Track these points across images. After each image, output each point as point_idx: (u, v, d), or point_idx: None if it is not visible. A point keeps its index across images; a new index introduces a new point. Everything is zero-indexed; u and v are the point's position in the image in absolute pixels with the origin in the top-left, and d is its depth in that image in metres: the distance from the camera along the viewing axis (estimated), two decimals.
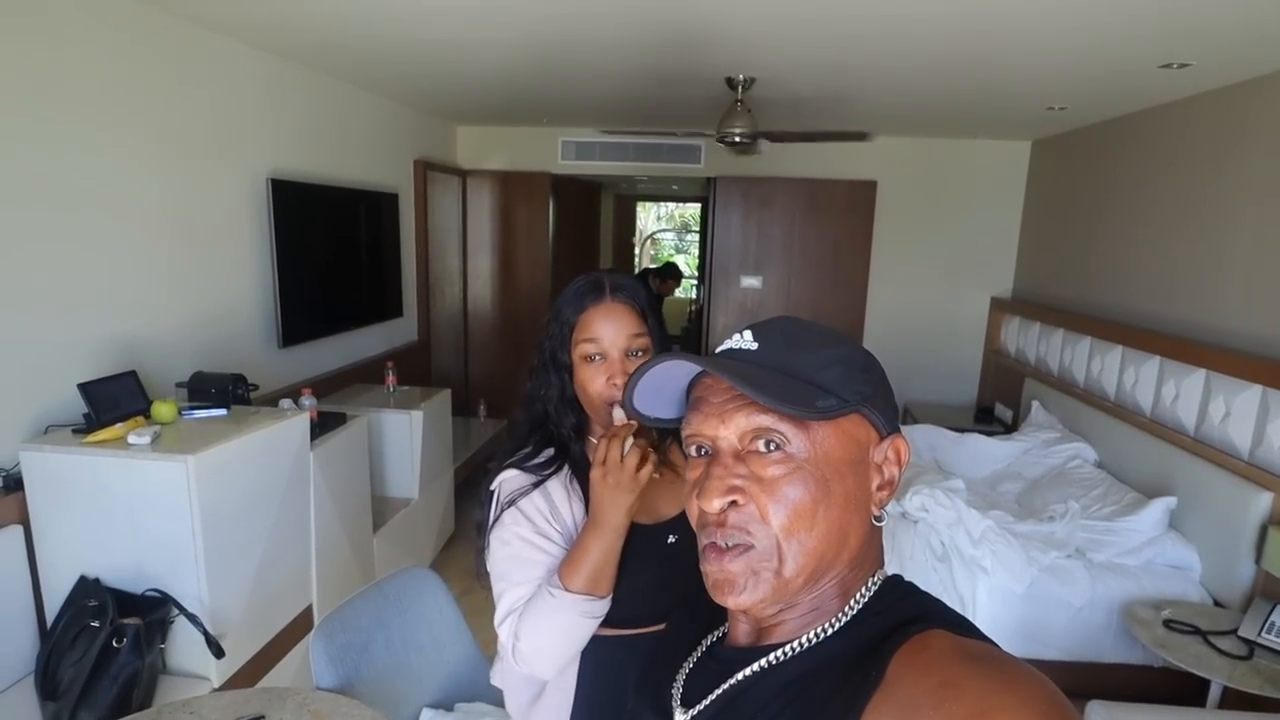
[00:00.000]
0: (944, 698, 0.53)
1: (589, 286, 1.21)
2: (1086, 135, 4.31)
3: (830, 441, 0.66)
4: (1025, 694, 0.52)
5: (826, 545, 0.65)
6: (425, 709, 1.92)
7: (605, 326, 1.18)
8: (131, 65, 2.45)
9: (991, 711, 0.51)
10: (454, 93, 4.09)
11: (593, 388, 1.19)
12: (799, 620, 0.68)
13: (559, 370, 1.22)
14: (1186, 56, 2.72)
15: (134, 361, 2.41)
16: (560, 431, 1.25)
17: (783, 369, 0.66)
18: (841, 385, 0.66)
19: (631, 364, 1.18)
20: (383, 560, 3.19)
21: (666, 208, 12.42)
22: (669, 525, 1.23)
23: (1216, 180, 3.13)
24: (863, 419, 0.68)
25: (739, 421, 0.66)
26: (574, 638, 1.14)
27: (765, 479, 0.65)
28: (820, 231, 5.35)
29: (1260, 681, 2.11)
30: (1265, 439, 2.63)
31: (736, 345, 0.70)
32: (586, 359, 1.19)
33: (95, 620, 1.91)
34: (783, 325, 0.71)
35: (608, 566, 1.12)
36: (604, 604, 1.13)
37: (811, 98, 3.83)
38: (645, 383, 0.72)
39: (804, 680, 0.64)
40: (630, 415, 0.76)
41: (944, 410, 5.08)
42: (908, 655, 0.59)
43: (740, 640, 0.72)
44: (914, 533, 2.99)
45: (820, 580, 0.67)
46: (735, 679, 0.68)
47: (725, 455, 0.67)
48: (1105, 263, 4.00)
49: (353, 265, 3.91)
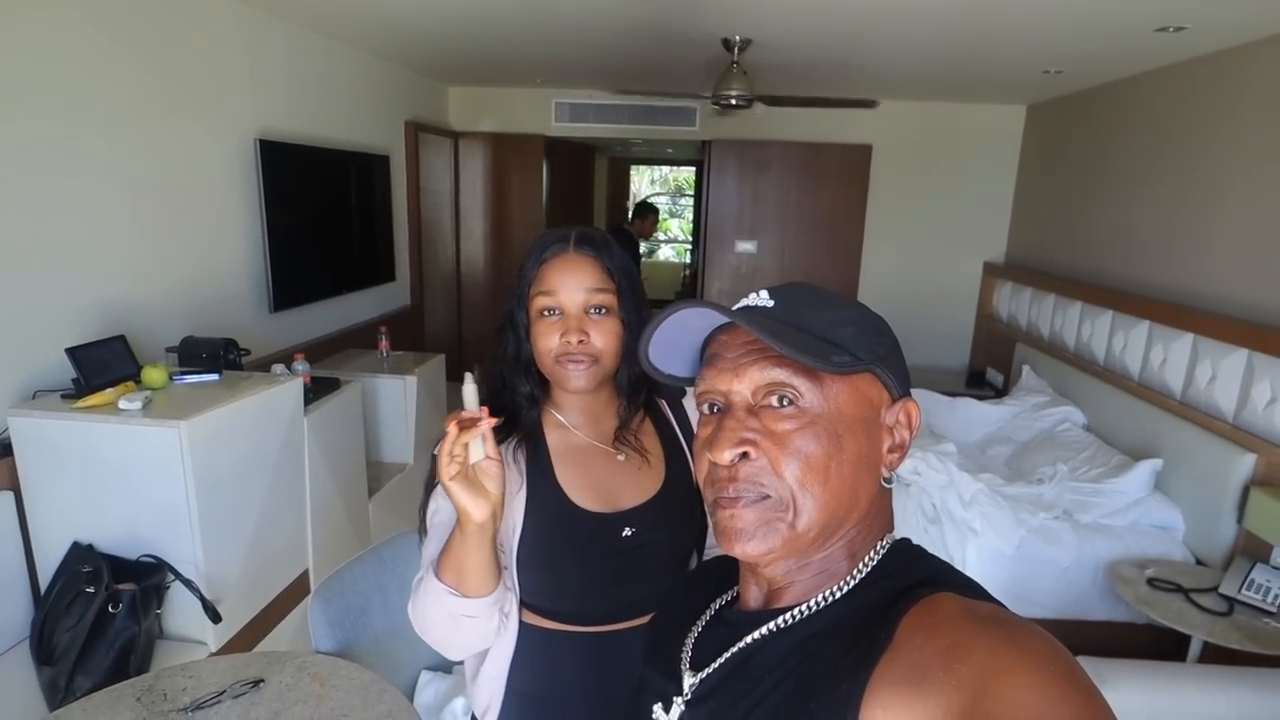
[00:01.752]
0: (953, 659, 0.53)
1: (553, 238, 1.11)
2: (1081, 100, 4.28)
3: (843, 398, 0.66)
4: (1033, 653, 0.52)
5: (839, 501, 0.65)
6: (424, 670, 1.95)
7: (564, 278, 1.07)
8: (112, 21, 2.39)
9: (1000, 672, 0.51)
10: (445, 51, 4.02)
11: (545, 344, 1.08)
12: (808, 583, 0.68)
13: (515, 329, 1.13)
14: (1183, 19, 2.69)
15: (122, 326, 2.39)
16: (514, 398, 1.14)
17: (799, 325, 0.66)
18: (856, 344, 0.67)
19: (590, 322, 1.08)
20: (378, 525, 3.21)
21: (661, 171, 12.31)
22: (626, 516, 1.12)
23: (1208, 145, 3.12)
24: (875, 379, 0.68)
25: (753, 375, 0.66)
26: (452, 629, 1.03)
27: (778, 432, 0.65)
28: (815, 196, 5.32)
29: (1239, 636, 2.16)
30: (1250, 402, 2.66)
31: (754, 303, 0.70)
32: (542, 313, 1.09)
33: (90, 586, 1.92)
34: (799, 288, 0.72)
35: (470, 567, 0.97)
36: (478, 604, 1.00)
37: (807, 60, 3.78)
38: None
39: (813, 642, 0.65)
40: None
41: (936, 374, 5.11)
42: (917, 618, 0.59)
43: (750, 604, 0.72)
44: (906, 495, 3.03)
45: (830, 538, 0.67)
46: (744, 642, 0.69)
47: (738, 409, 0.67)
48: (1097, 228, 4.00)
49: (343, 228, 3.87)
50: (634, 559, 1.12)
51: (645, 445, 1.18)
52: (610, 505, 1.13)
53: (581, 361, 1.08)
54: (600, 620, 1.12)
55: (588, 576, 1.11)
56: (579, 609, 1.12)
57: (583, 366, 1.08)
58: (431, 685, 1.90)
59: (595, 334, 1.08)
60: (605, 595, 1.12)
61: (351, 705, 1.43)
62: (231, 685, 1.45)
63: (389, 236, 4.40)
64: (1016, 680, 0.50)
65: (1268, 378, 2.58)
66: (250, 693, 1.44)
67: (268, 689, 1.46)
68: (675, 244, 11.96)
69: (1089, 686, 0.50)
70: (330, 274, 3.75)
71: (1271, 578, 2.35)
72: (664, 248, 11.85)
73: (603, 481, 1.14)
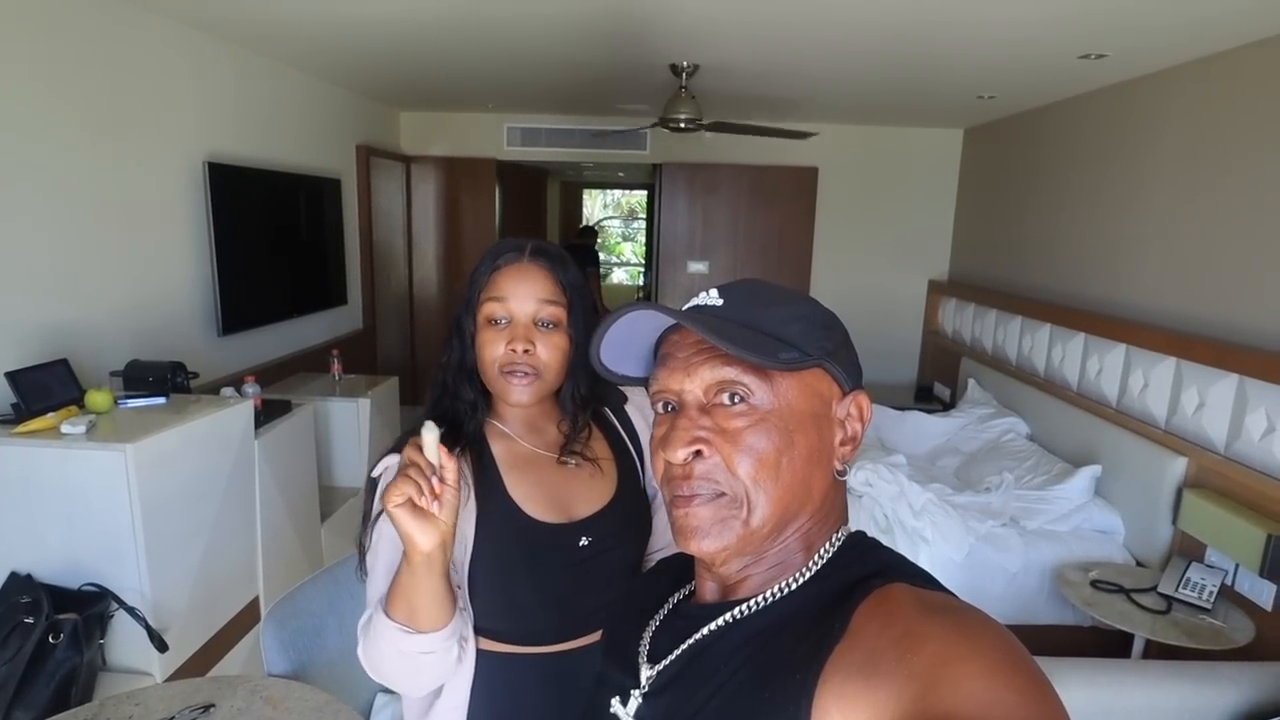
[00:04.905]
0: (906, 648, 0.54)
1: (508, 246, 1.09)
2: (1014, 123, 4.47)
3: (793, 394, 0.67)
4: (984, 643, 0.53)
5: (792, 496, 0.66)
6: (379, 693, 1.91)
7: (515, 286, 1.05)
8: (56, 44, 2.35)
9: (952, 661, 0.52)
10: (395, 75, 4.03)
11: (490, 353, 1.05)
12: (764, 575, 0.69)
13: (461, 336, 1.10)
14: (1104, 48, 2.85)
15: (65, 350, 2.32)
16: (456, 406, 1.11)
17: (747, 324, 0.67)
18: (804, 340, 0.68)
19: (538, 334, 1.05)
20: (331, 550, 3.15)
21: (613, 195, 12.41)
22: (582, 526, 1.09)
23: (1134, 165, 3.28)
24: (825, 374, 0.69)
25: (704, 374, 0.67)
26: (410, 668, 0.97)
27: (729, 430, 0.66)
28: (765, 217, 5.43)
29: (1178, 633, 2.25)
30: (1179, 408, 2.78)
31: (703, 302, 0.71)
32: (490, 321, 1.06)
33: (29, 617, 1.85)
34: (748, 285, 0.73)
35: (421, 601, 0.92)
36: (434, 638, 0.94)
37: (753, 85, 3.88)
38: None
39: (768, 633, 0.65)
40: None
41: (886, 389, 5.22)
42: (871, 608, 0.60)
43: (706, 597, 0.73)
44: (859, 506, 3.08)
45: (784, 531, 0.68)
46: (700, 633, 0.69)
47: (690, 408, 0.68)
48: (1033, 245, 4.16)
49: (294, 252, 3.83)
50: (590, 569, 1.09)
51: (595, 452, 1.16)
52: (565, 515, 1.10)
53: (525, 375, 1.06)
54: (554, 639, 1.09)
55: (542, 591, 1.07)
56: (532, 628, 1.09)
57: (525, 380, 1.06)
58: (388, 708, 1.87)
59: (541, 346, 1.06)
60: (559, 610, 1.09)
61: None
62: (180, 711, 1.42)
63: (341, 260, 4.36)
64: (968, 669, 0.51)
65: (1195, 384, 2.70)
66: (200, 718, 1.41)
67: (218, 714, 1.43)
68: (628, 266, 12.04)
69: (1037, 674, 0.52)
70: (281, 297, 3.70)
71: (1206, 576, 2.45)
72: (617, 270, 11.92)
73: (555, 490, 1.11)
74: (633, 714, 0.71)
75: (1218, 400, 2.59)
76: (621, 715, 0.72)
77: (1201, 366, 2.67)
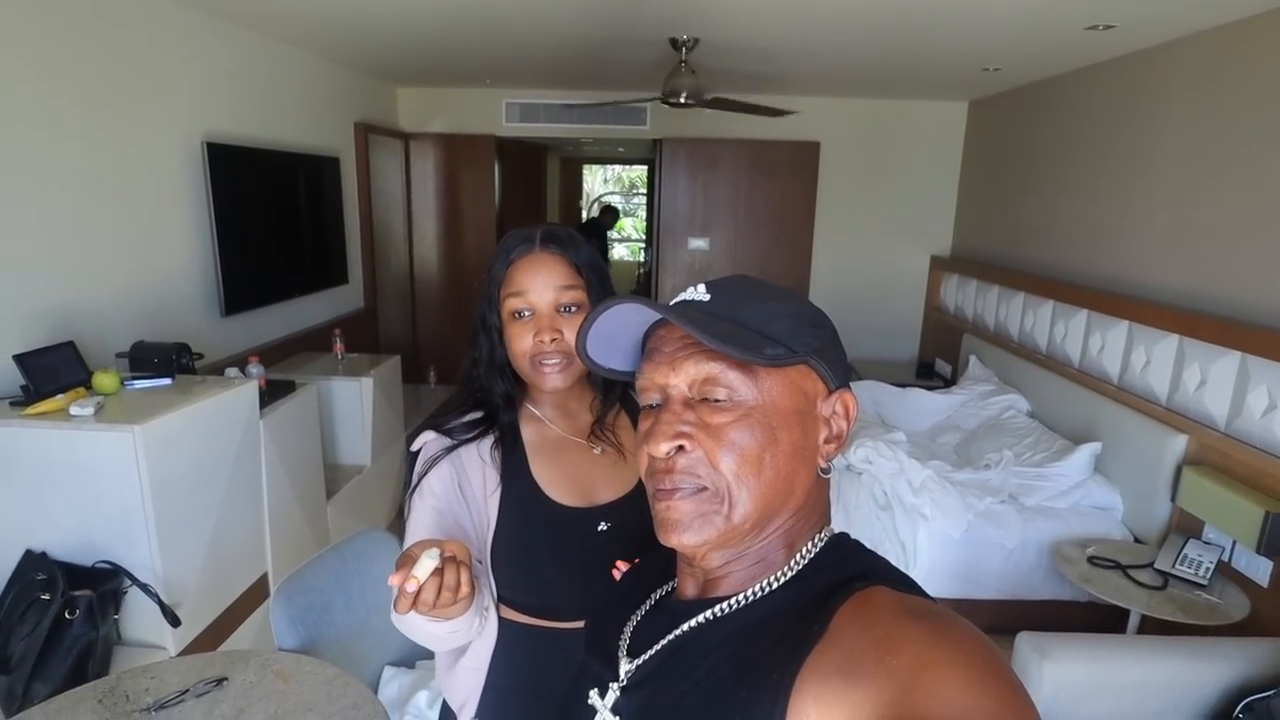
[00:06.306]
0: (885, 651, 0.54)
1: (518, 239, 1.12)
2: (1019, 96, 4.43)
3: (778, 391, 0.67)
4: (964, 649, 0.54)
5: (774, 492, 0.66)
6: (387, 666, 1.96)
7: (532, 278, 1.08)
8: (54, 26, 2.33)
9: (930, 665, 0.52)
10: (392, 52, 3.99)
11: (519, 345, 1.09)
12: (745, 573, 0.69)
13: (488, 332, 1.14)
14: (1111, 18, 2.82)
15: (70, 332, 2.34)
16: (490, 400, 1.15)
17: (734, 319, 0.67)
18: (791, 337, 0.68)
19: (563, 320, 1.09)
20: (337, 527, 3.18)
21: (613, 170, 12.34)
22: (602, 511, 1.13)
23: (1141, 139, 3.26)
24: (811, 371, 0.69)
25: (689, 369, 0.67)
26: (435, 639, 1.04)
27: (713, 425, 0.66)
28: (766, 192, 5.41)
29: (1173, 609, 2.28)
30: (1181, 385, 2.79)
31: (690, 297, 0.71)
32: (514, 315, 1.10)
33: (45, 593, 1.89)
34: (736, 280, 0.73)
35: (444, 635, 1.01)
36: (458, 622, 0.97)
37: (754, 59, 3.84)
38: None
39: (748, 632, 0.65)
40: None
41: (887, 366, 5.23)
42: (851, 610, 0.60)
43: (688, 593, 0.73)
44: (858, 483, 3.11)
45: (766, 528, 0.68)
46: (680, 630, 0.70)
47: (675, 403, 0.68)
48: (1037, 220, 4.15)
49: (295, 231, 3.82)
50: (609, 554, 1.10)
51: (621, 440, 1.18)
52: (586, 500, 1.13)
53: (556, 360, 1.09)
54: (574, 616, 1.11)
55: (561, 571, 1.11)
56: (552, 604, 1.12)
57: (558, 366, 1.09)
58: (395, 680, 1.91)
59: (568, 331, 1.08)
60: (579, 590, 1.11)
61: (316, 700, 1.44)
62: (194, 684, 1.45)
63: (341, 239, 4.35)
64: (947, 674, 0.51)
65: (1197, 362, 2.71)
66: (213, 691, 1.44)
67: (231, 687, 1.46)
68: (630, 242, 11.99)
69: (1013, 681, 0.53)
70: (282, 277, 3.70)
71: (1203, 553, 2.47)
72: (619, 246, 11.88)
73: (579, 476, 1.14)
74: (609, 707, 0.71)
75: (1220, 377, 2.60)
76: (599, 707, 0.72)
77: (1204, 344, 2.68)
